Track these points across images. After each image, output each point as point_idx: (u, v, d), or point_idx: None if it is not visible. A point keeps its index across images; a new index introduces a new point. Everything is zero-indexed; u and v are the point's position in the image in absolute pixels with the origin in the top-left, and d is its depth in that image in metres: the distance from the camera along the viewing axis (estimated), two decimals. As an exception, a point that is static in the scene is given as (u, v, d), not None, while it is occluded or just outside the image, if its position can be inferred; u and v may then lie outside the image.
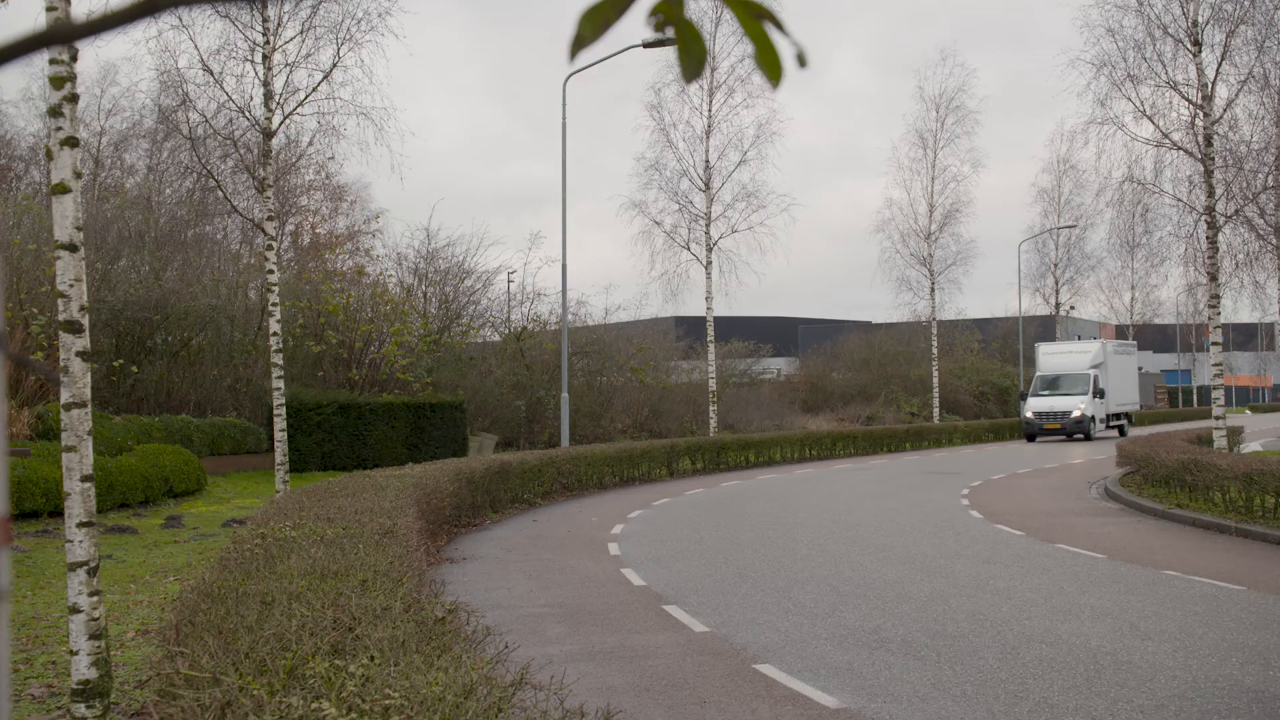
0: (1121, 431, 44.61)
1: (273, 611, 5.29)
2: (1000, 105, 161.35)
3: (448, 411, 30.13)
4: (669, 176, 35.30)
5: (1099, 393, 42.90)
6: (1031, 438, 42.54)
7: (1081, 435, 41.98)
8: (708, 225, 34.95)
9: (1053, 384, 43.34)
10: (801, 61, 1.43)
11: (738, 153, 35.05)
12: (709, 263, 35.02)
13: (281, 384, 19.62)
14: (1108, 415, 44.29)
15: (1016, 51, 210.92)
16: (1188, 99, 23.12)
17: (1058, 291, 54.40)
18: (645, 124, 39.72)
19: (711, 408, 35.58)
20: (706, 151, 34.87)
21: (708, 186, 34.92)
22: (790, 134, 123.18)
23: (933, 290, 46.39)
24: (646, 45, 27.03)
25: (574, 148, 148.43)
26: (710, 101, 34.75)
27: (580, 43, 1.33)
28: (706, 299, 35.09)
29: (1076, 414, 41.84)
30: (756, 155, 35.38)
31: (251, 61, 19.29)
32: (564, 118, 29.26)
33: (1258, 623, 9.04)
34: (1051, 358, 45.08)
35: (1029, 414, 42.59)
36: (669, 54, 30.05)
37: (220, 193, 24.43)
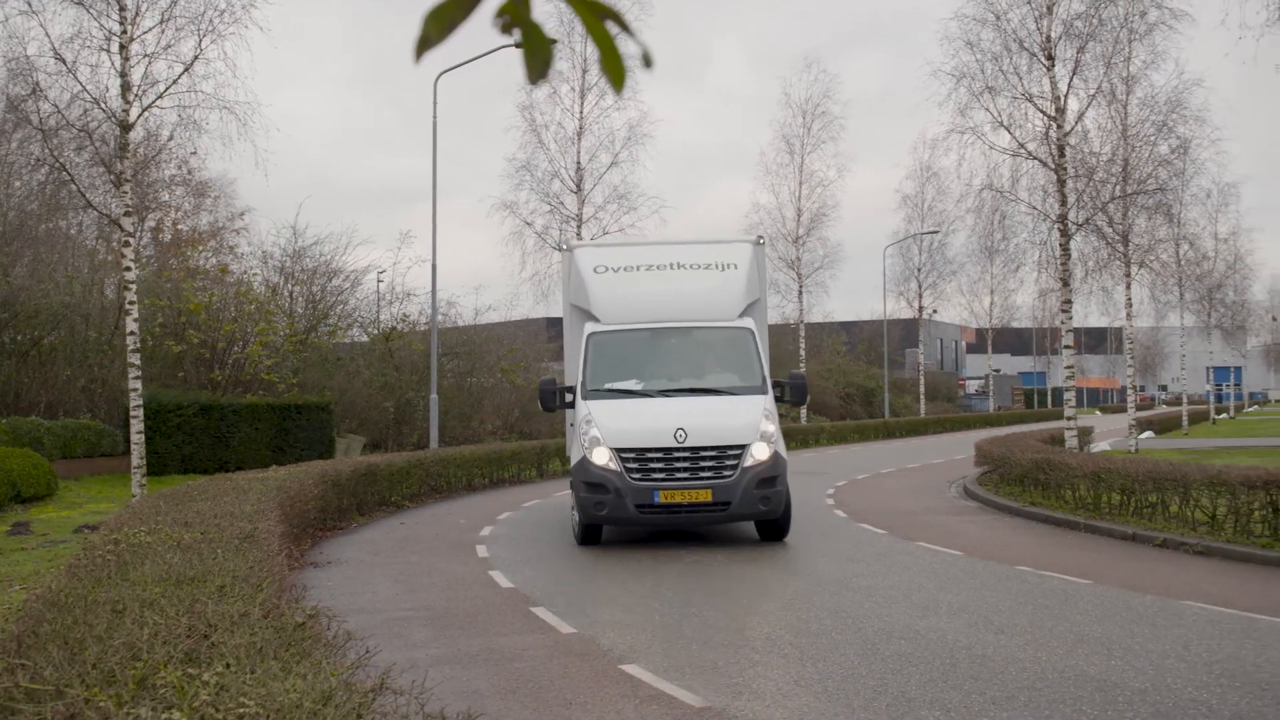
0: (781, 523, 14.94)
1: (124, 620, 5.12)
2: (887, 105, 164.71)
3: (314, 413, 29.55)
4: (540, 177, 35.22)
5: (791, 390, 15.46)
6: (590, 534, 14.54)
7: (772, 526, 14.87)
8: (579, 227, 34.97)
9: (645, 359, 15.49)
10: (647, 62, 1.44)
11: (609, 154, 35.15)
12: (581, 264, 34.97)
13: (139, 384, 18.99)
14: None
15: (909, 52, 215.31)
16: (1042, 111, 23.98)
17: (921, 295, 55.83)
18: (517, 124, 39.55)
19: (583, 409, 35.53)
20: (578, 153, 34.92)
21: (579, 188, 34.96)
22: (672, 133, 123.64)
23: (800, 293, 47.20)
24: (519, 46, 26.90)
25: (448, 143, 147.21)
26: (582, 103, 34.82)
27: (426, 43, 1.33)
28: (578, 300, 35.02)
29: (761, 457, 14.11)
30: (628, 157, 35.46)
31: (107, 51, 18.61)
32: (434, 117, 29.08)
33: (1103, 615, 9.42)
34: (626, 281, 15.96)
35: (593, 454, 14.04)
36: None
37: (74, 187, 23.54)
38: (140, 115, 18.94)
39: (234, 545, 7.88)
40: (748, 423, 14.28)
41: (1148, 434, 46.33)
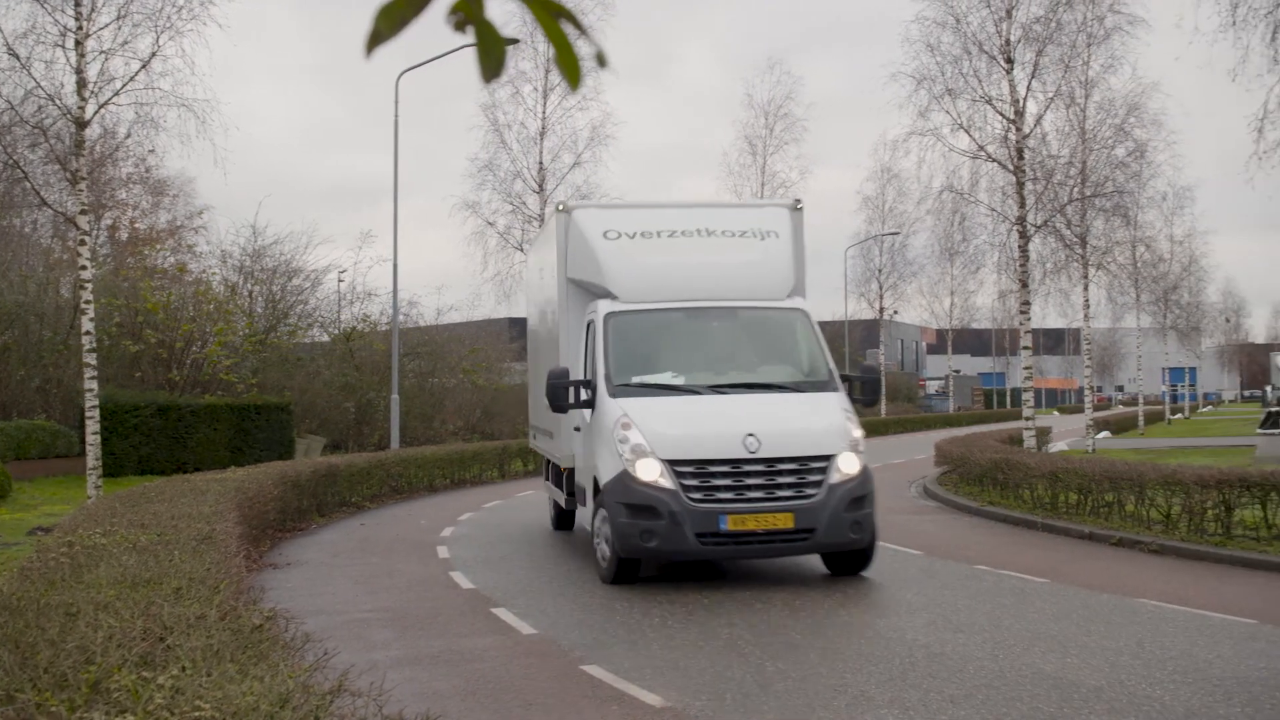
0: (869, 553, 11.90)
1: (77, 623, 5.06)
2: (850, 107, 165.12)
3: (273, 413, 29.32)
4: (503, 177, 35.08)
5: (863, 386, 12.92)
6: (626, 571, 11.28)
7: (855, 557, 11.84)
8: (541, 227, 34.90)
9: (683, 347, 12.61)
10: (601, 62, 1.44)
11: (572, 155, 35.06)
12: (543, 264, 34.86)
13: (95, 384, 18.76)
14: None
15: (872, 54, 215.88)
16: (1001, 113, 24.17)
17: (881, 296, 56.10)
18: (480, 124, 39.36)
19: (545, 409, 35.40)
20: (541, 153, 34.82)
21: (541, 188, 34.87)
22: (634, 132, 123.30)
23: (763, 294, 47.24)
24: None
25: (410, 140, 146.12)
26: (545, 103, 34.73)
27: (377, 38, 1.32)
28: (540, 300, 34.89)
29: (850, 471, 11.55)
30: (591, 157, 35.35)
31: (63, 47, 18.36)
32: (396, 116, 28.76)
33: (1059, 613, 9.52)
34: (646, 250, 12.79)
35: (637, 467, 10.94)
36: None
37: (28, 184, 23.23)
38: (96, 112, 18.71)
39: (191, 547, 7.80)
40: (831, 427, 11.53)
41: (1104, 434, 46.83)
